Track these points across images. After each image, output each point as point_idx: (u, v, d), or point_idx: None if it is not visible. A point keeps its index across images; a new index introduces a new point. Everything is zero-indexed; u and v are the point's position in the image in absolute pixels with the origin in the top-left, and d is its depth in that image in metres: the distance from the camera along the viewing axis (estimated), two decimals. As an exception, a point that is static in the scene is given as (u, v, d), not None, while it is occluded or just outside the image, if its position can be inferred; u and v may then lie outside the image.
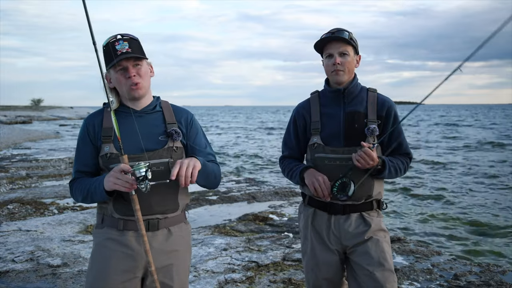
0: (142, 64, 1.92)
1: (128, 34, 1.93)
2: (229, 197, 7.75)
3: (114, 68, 1.89)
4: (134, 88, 1.89)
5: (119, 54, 1.85)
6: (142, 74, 1.92)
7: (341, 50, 2.16)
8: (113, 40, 1.89)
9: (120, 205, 1.91)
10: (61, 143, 19.46)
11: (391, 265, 2.15)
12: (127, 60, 1.87)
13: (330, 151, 2.18)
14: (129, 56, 1.86)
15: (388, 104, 2.22)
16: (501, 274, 4.02)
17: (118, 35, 1.91)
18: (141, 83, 1.91)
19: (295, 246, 4.72)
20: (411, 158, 2.28)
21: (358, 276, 2.14)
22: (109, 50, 1.87)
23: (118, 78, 1.90)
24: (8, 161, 12.36)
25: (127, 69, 1.88)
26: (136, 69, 1.90)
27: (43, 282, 3.82)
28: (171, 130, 1.96)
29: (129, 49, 1.87)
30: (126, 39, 1.90)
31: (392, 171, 2.16)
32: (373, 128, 2.14)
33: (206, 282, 3.75)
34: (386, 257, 2.14)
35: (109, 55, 1.88)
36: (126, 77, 1.89)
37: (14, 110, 61.25)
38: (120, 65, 1.88)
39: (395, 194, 9.75)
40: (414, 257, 4.47)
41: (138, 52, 1.90)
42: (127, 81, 1.88)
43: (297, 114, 2.33)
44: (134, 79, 1.89)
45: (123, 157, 1.79)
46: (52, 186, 8.69)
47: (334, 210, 2.21)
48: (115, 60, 1.85)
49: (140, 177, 1.72)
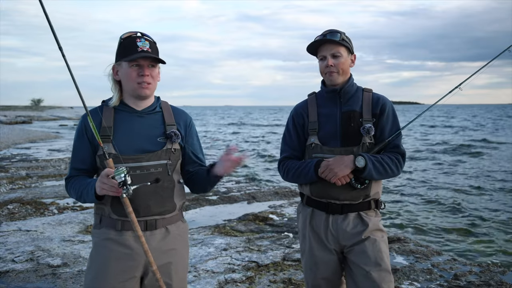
0: (156, 67, 1.94)
1: (147, 34, 1.94)
2: (229, 197, 7.75)
3: (129, 63, 1.88)
4: (144, 87, 1.90)
5: (139, 50, 1.86)
6: (153, 76, 1.93)
7: (333, 52, 2.17)
8: (135, 36, 1.89)
9: (118, 206, 1.90)
10: (61, 143, 19.46)
11: (387, 265, 2.15)
12: (145, 59, 1.88)
13: (327, 151, 2.18)
14: (150, 55, 1.87)
15: (382, 102, 2.21)
16: (501, 274, 4.02)
17: (138, 32, 1.92)
18: (151, 85, 1.93)
19: (295, 246, 4.72)
20: (403, 156, 2.21)
21: (355, 276, 2.15)
22: (129, 44, 1.87)
23: (130, 73, 1.89)
24: (8, 161, 12.37)
25: (142, 67, 1.89)
26: (150, 70, 1.91)
27: (43, 282, 3.82)
28: (171, 132, 1.96)
29: (149, 49, 1.89)
30: (148, 39, 1.91)
31: (378, 167, 2.11)
32: (368, 128, 2.14)
33: (206, 282, 3.75)
34: (383, 257, 2.14)
35: (127, 49, 1.87)
36: (139, 74, 1.89)
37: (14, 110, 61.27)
38: (137, 61, 1.88)
39: (395, 194, 9.75)
40: (414, 257, 4.47)
41: (156, 54, 1.92)
42: (138, 78, 1.89)
43: (295, 114, 2.34)
44: (147, 79, 1.90)
45: (108, 161, 1.78)
46: (52, 186, 8.69)
47: (332, 209, 2.21)
48: (136, 55, 1.85)
49: (120, 182, 1.71)
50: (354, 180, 2.13)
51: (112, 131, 1.91)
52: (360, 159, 2.09)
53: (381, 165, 2.12)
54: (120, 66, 1.93)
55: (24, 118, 42.21)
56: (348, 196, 2.17)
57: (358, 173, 2.11)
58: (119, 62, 1.92)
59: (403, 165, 2.21)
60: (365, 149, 2.16)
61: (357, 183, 2.14)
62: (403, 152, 2.22)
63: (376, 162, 2.11)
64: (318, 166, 2.14)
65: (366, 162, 2.08)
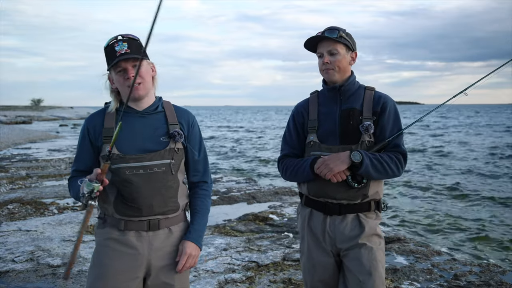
0: (141, 64, 1.90)
1: (129, 34, 1.92)
2: (229, 197, 7.74)
3: (114, 70, 1.89)
4: (135, 89, 1.88)
5: (118, 55, 1.85)
6: (142, 75, 1.91)
7: (330, 49, 2.15)
8: (113, 42, 1.89)
9: (121, 206, 1.91)
10: (61, 143, 19.45)
11: (382, 275, 2.11)
12: (126, 61, 1.87)
13: (325, 149, 2.15)
14: (127, 57, 1.85)
15: (383, 100, 2.18)
16: (501, 274, 4.02)
17: (119, 36, 1.91)
18: (142, 84, 1.91)
19: (295, 246, 4.72)
20: (404, 157, 2.16)
21: (348, 282, 2.13)
22: (110, 51, 1.88)
23: (118, 79, 1.91)
24: (8, 161, 12.36)
25: (126, 70, 1.88)
26: (135, 70, 1.88)
27: (43, 282, 3.82)
28: (174, 132, 1.95)
29: (128, 50, 1.87)
30: (126, 39, 1.89)
31: (376, 164, 2.06)
32: (367, 125, 2.11)
33: (206, 282, 3.75)
34: (378, 266, 2.11)
35: (109, 57, 1.89)
36: (125, 78, 1.88)
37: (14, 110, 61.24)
38: (119, 66, 1.88)
39: (395, 194, 9.74)
40: (414, 257, 4.47)
41: (138, 52, 1.89)
42: (126, 82, 1.88)
43: (296, 112, 2.33)
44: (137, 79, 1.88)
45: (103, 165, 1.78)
46: (52, 186, 8.68)
47: (329, 210, 2.17)
48: (114, 62, 1.85)
49: (85, 194, 1.73)
50: (350, 178, 2.09)
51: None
52: (356, 153, 2.04)
53: (379, 162, 2.07)
54: (111, 75, 1.95)
55: (24, 118, 42.19)
56: (345, 195, 2.13)
57: (355, 169, 2.07)
58: (109, 72, 1.94)
59: (404, 166, 2.16)
60: (364, 147, 2.12)
61: (354, 181, 2.09)
62: (404, 152, 2.17)
63: (374, 159, 2.06)
64: (314, 163, 2.12)
65: (363, 157, 2.04)
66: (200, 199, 2.08)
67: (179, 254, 1.98)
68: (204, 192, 2.11)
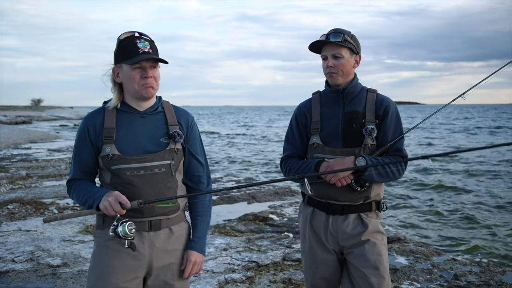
0: (157, 68, 1.91)
1: (144, 33, 1.91)
2: (229, 197, 7.74)
3: (131, 65, 1.86)
4: (148, 88, 1.88)
5: (141, 52, 1.84)
6: (156, 77, 1.91)
7: (334, 53, 2.16)
8: (134, 36, 1.87)
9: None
10: (61, 143, 19.45)
11: (386, 269, 2.15)
12: (147, 61, 1.86)
13: (329, 152, 2.18)
14: (152, 57, 1.85)
15: (386, 103, 2.20)
16: (501, 274, 4.02)
17: (136, 32, 1.90)
18: (155, 85, 1.91)
19: (295, 246, 4.72)
20: (405, 160, 2.20)
21: (353, 278, 2.15)
22: (129, 45, 1.85)
23: (132, 75, 1.87)
24: (8, 161, 12.35)
25: (145, 69, 1.86)
26: (152, 71, 1.88)
27: (43, 282, 3.82)
28: (174, 132, 1.95)
29: (150, 50, 1.86)
30: (147, 39, 1.89)
31: (379, 169, 2.10)
32: (371, 129, 2.13)
33: (206, 282, 3.75)
34: (382, 261, 2.14)
35: (127, 50, 1.85)
36: (142, 76, 1.87)
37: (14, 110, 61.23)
38: (139, 63, 1.85)
39: (395, 193, 9.74)
40: (414, 257, 4.47)
41: (156, 54, 1.89)
42: (142, 80, 1.87)
43: (298, 113, 2.33)
44: (151, 80, 1.88)
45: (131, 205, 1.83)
46: (52, 186, 8.68)
47: (332, 210, 2.21)
48: (139, 58, 1.82)
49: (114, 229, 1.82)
50: (354, 182, 2.12)
51: (115, 132, 1.91)
52: (360, 159, 2.08)
53: (382, 167, 2.11)
54: (120, 68, 1.90)
55: (24, 118, 42.16)
56: (347, 197, 2.17)
57: (359, 174, 2.10)
58: (119, 64, 1.90)
59: (405, 169, 2.20)
60: (367, 151, 2.15)
61: (357, 185, 2.13)
62: (405, 155, 2.21)
63: (377, 164, 2.10)
64: (318, 167, 2.14)
65: (367, 163, 2.08)
66: (200, 203, 2.08)
67: (184, 262, 2.00)
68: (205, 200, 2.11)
